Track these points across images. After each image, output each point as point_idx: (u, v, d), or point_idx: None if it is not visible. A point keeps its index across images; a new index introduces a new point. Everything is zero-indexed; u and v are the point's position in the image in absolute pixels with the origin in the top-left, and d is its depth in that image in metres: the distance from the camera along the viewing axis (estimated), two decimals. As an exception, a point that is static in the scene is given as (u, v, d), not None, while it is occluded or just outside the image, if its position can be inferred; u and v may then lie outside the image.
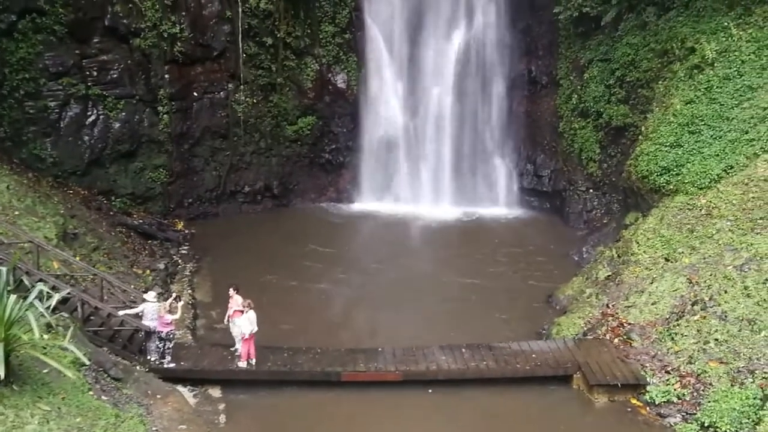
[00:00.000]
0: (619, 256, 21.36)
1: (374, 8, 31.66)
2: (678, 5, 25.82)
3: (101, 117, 27.05)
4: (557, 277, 23.56)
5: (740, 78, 22.58)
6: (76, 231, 22.26)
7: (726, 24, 23.79)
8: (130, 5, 26.80)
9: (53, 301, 14.32)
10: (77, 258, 20.02)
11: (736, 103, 22.15)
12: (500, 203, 31.88)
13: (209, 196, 30.04)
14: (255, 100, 30.26)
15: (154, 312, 16.57)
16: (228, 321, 17.75)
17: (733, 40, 23.40)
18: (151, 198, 28.43)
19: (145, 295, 17.14)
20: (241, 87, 29.73)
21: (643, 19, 26.70)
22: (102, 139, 27.08)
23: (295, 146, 31.57)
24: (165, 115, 28.25)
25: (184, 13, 28.04)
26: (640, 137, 24.99)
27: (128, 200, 27.68)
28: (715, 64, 23.31)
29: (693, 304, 17.56)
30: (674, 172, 21.90)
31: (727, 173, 20.70)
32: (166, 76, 28.17)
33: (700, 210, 20.31)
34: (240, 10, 28.61)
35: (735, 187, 20.16)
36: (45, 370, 13.79)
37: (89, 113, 26.85)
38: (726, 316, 16.67)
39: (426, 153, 32.48)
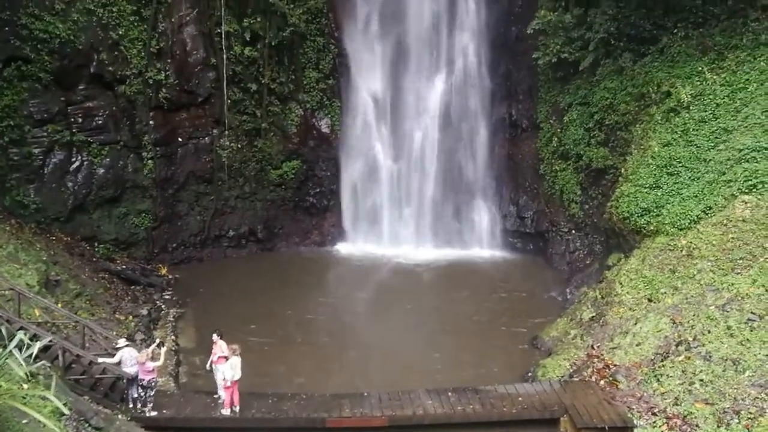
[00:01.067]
0: (602, 297, 21.47)
1: (357, 54, 32.27)
2: (653, 51, 26.50)
3: (85, 163, 27.08)
4: (542, 319, 23.60)
5: (715, 121, 23.10)
6: (58, 278, 22.06)
7: (700, 69, 24.43)
8: (116, 53, 27.09)
9: (34, 350, 14.09)
10: (59, 305, 19.81)
11: (713, 145, 22.61)
12: (484, 245, 32.09)
13: (193, 241, 29.97)
14: (239, 145, 30.48)
15: (132, 357, 16.38)
16: (211, 367, 17.56)
17: (708, 84, 24.01)
18: (135, 243, 28.31)
19: (117, 345, 16.97)
20: (226, 132, 29.97)
21: (619, 64, 27.33)
22: (86, 185, 27.06)
23: (279, 190, 31.72)
24: (149, 161, 28.36)
25: (169, 60, 28.37)
26: (620, 179, 25.36)
27: (111, 246, 27.56)
28: (691, 108, 23.86)
29: (677, 345, 17.63)
30: (654, 213, 22.20)
31: (706, 214, 21.01)
32: (151, 122, 28.37)
33: (681, 250, 20.54)
34: (224, 57, 29.01)
35: (714, 228, 20.45)
36: (24, 420, 13.50)
37: (73, 159, 26.89)
38: (710, 357, 16.74)
39: (409, 196, 32.75)
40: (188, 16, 28.55)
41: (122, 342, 16.85)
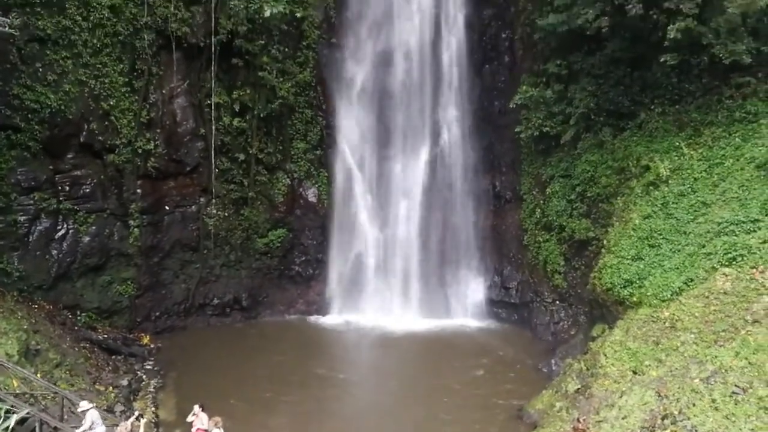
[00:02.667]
0: (587, 369, 21.41)
1: (345, 126, 32.98)
2: (632, 126, 27.29)
3: (71, 231, 27.05)
4: (527, 390, 23.41)
5: (694, 194, 23.62)
6: (38, 347, 21.73)
7: (678, 144, 25.14)
8: (107, 123, 27.47)
9: (11, 423, 13.88)
10: (39, 375, 19.49)
11: (692, 218, 23.05)
12: (469, 315, 32.09)
13: (177, 310, 29.75)
14: (226, 214, 30.68)
15: (98, 417, 16.26)
16: (192, 441, 17.22)
17: (685, 159, 24.65)
18: (118, 312, 28.05)
19: (81, 408, 16.66)
20: (213, 201, 30.20)
21: (600, 138, 28.06)
22: (71, 253, 26.96)
23: (265, 258, 31.76)
24: (135, 229, 28.40)
25: (159, 130, 28.80)
26: (602, 250, 25.67)
27: (94, 314, 27.27)
28: (670, 181, 24.42)
29: (663, 418, 17.54)
30: (637, 285, 22.40)
31: (688, 286, 21.23)
32: (139, 190, 28.56)
33: (665, 322, 20.66)
34: (214, 127, 29.53)
35: (696, 300, 20.63)
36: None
37: (59, 227, 26.85)
38: (696, 431, 16.66)
39: (395, 265, 32.87)
40: (179, 87, 29.17)
41: (85, 404, 16.62)
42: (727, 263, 20.82)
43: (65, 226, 27.07)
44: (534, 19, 30.12)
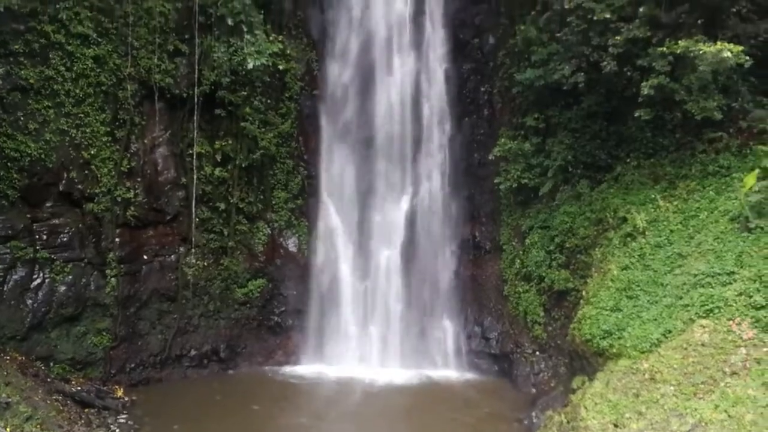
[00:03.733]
0: (568, 422, 21.28)
1: (326, 176, 33.20)
2: (608, 178, 27.79)
3: (47, 280, 26.66)
4: (509, 444, 23.24)
5: (670, 246, 23.95)
6: (9, 400, 21.19)
7: (653, 196, 25.60)
8: (87, 172, 27.40)
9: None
10: (8, 429, 18.98)
11: (669, 269, 23.32)
12: (449, 366, 31.90)
13: (153, 361, 29.22)
14: (206, 263, 30.51)
15: None
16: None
17: (661, 211, 25.08)
18: (92, 363, 27.48)
19: None
20: (192, 250, 30.04)
21: (577, 190, 28.52)
22: (46, 302, 26.53)
23: (244, 309, 31.49)
24: (113, 279, 28.08)
25: (139, 179, 28.78)
26: (581, 301, 25.82)
27: (68, 366, 26.69)
28: (647, 233, 24.78)
29: (644, 472, 17.45)
30: (616, 336, 22.47)
31: (666, 338, 21.33)
32: (117, 239, 28.34)
33: (644, 374, 20.68)
34: (195, 177, 29.57)
35: (675, 352, 20.73)
36: None
37: (35, 276, 26.46)
38: (677, 485, 16.57)
39: (375, 315, 32.74)
40: (161, 137, 29.29)
41: None
42: (704, 315, 21.02)
43: (41, 275, 26.69)
44: (512, 74, 30.88)
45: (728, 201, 23.55)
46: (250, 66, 28.91)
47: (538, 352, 29.24)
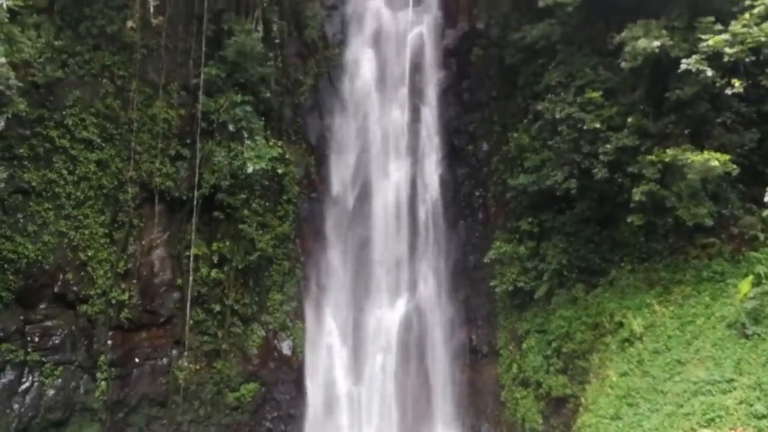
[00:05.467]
0: None
1: (322, 278, 33.25)
2: (604, 282, 27.86)
3: (36, 384, 26.14)
4: None
5: (668, 352, 23.73)
6: None
7: (649, 301, 25.59)
8: (83, 273, 27.44)
9: None
10: None
11: (668, 376, 23.01)
12: (446, 474, 30.91)
13: (140, 469, 28.27)
14: (198, 367, 29.96)
15: None
16: None
17: (658, 317, 25.00)
18: (77, 471, 26.59)
19: None
20: (185, 353, 29.60)
21: (573, 294, 28.52)
22: (33, 407, 25.87)
23: (235, 414, 30.65)
24: (103, 382, 27.54)
25: (135, 281, 28.74)
26: (580, 408, 25.31)
27: (52, 475, 25.82)
28: (644, 338, 24.61)
29: None
30: (618, 446, 21.94)
31: (669, 448, 20.85)
32: (109, 341, 28.00)
33: (647, 487, 20.07)
34: (191, 278, 29.55)
35: (678, 463, 20.21)
36: None
37: (24, 380, 25.95)
38: None
39: (370, 421, 31.91)
40: (159, 239, 29.51)
41: None
42: (705, 424, 20.57)
43: (30, 378, 26.21)
44: (506, 179, 31.59)
45: (724, 307, 23.56)
46: (250, 170, 29.44)
47: (537, 462, 28.37)
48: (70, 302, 27.37)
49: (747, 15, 22.86)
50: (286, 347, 32.00)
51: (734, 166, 23.51)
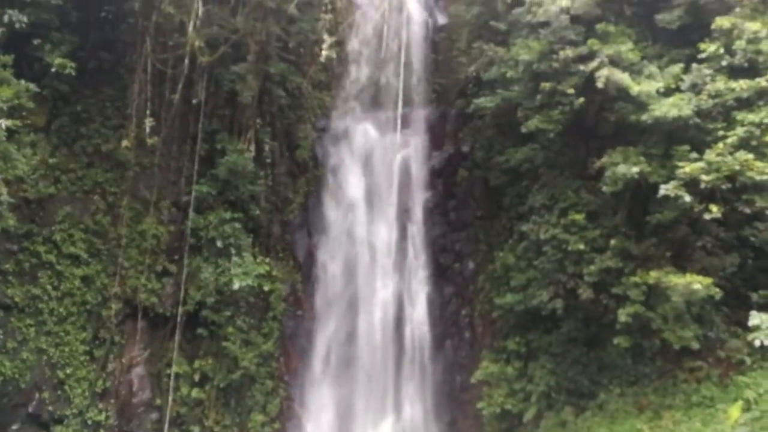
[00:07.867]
0: None
1: (306, 399, 32.35)
2: (592, 406, 27.32)
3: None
4: None
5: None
6: None
7: (640, 427, 25.03)
8: (59, 392, 26.68)
9: None
10: None
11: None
12: None
13: None
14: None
15: None
16: None
17: (648, 443, 24.44)
18: None
19: None
20: (161, 478, 28.36)
21: (561, 418, 27.83)
22: None
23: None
24: None
25: (113, 401, 27.94)
26: None
27: None
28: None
29: None
30: None
31: None
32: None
33: None
34: (171, 398, 28.76)
35: None
36: None
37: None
38: None
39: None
40: (139, 356, 28.95)
41: None
42: None
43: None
44: (492, 298, 31.57)
45: (715, 433, 23.12)
46: (236, 287, 29.33)
47: None
48: (44, 423, 26.46)
49: (721, 144, 23.73)
50: (267, 465, 30.75)
51: (717, 290, 23.70)
